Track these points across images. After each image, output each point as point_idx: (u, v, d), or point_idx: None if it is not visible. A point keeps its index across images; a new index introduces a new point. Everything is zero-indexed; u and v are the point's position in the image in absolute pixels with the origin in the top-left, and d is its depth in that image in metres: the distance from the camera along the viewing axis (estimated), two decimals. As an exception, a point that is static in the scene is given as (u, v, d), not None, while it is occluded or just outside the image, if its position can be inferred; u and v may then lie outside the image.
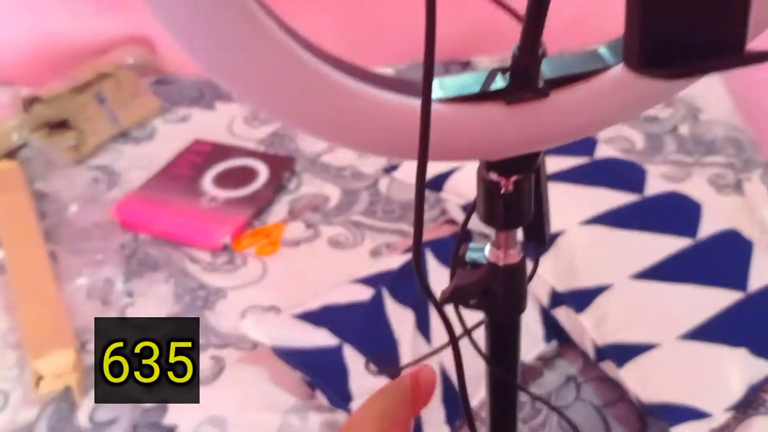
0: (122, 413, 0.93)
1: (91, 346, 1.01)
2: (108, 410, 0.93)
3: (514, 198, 0.33)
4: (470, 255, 0.37)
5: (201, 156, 1.33)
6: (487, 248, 0.37)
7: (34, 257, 1.11)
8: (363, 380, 0.87)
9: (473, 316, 0.40)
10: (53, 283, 1.07)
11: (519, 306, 0.38)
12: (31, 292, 1.05)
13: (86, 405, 0.94)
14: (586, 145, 1.06)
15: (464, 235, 0.40)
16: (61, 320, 1.01)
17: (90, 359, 1.00)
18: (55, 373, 0.94)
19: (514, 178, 0.33)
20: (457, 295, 0.37)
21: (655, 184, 1.01)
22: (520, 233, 0.38)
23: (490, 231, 0.37)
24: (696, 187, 1.15)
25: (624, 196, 0.97)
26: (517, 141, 0.31)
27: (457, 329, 0.43)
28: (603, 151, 1.06)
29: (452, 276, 0.37)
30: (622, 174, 1.01)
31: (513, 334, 0.40)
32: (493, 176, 0.33)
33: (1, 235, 1.17)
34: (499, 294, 0.37)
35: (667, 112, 1.36)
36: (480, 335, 0.41)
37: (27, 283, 1.07)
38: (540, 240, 0.37)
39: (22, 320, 1.02)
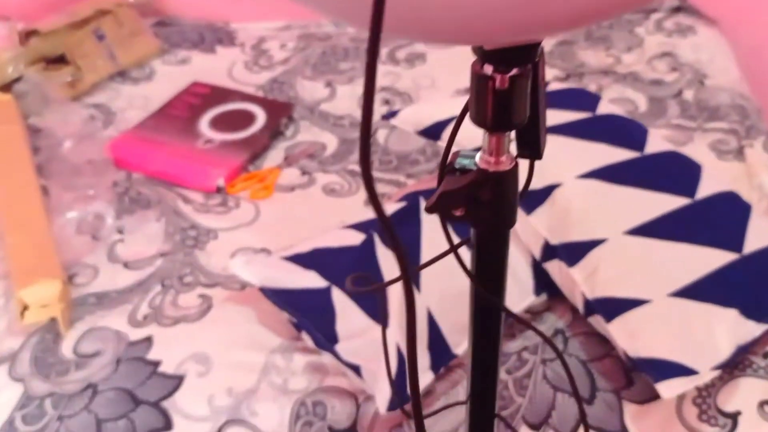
0: (107, 346, 0.92)
1: (79, 280, 1.01)
2: (92, 342, 0.93)
3: (508, 96, 0.32)
4: (460, 161, 0.36)
5: (199, 98, 1.31)
6: (478, 155, 0.35)
7: (25, 189, 1.10)
8: (350, 323, 0.86)
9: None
10: (43, 215, 1.06)
11: (508, 218, 0.37)
12: (21, 223, 1.04)
13: (71, 336, 0.94)
14: (589, 101, 1.04)
15: (450, 153, 0.38)
16: (49, 252, 1.00)
17: (76, 292, 0.99)
18: (41, 304, 0.93)
19: (510, 73, 0.31)
20: (444, 202, 0.35)
21: (656, 143, 0.99)
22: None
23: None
24: (697, 151, 1.14)
25: (624, 153, 0.95)
26: (515, 22, 0.29)
27: (443, 246, 0.42)
28: (605, 108, 1.04)
29: (439, 183, 0.36)
30: (623, 131, 0.99)
31: (500, 251, 0.39)
32: (488, 70, 0.32)
33: (-7, 166, 1.16)
34: (487, 202, 0.35)
35: (673, 76, 1.34)
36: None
37: (17, 214, 1.06)
38: (534, 151, 0.35)
39: (10, 250, 1.01)
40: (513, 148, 0.36)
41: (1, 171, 1.14)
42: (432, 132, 1.01)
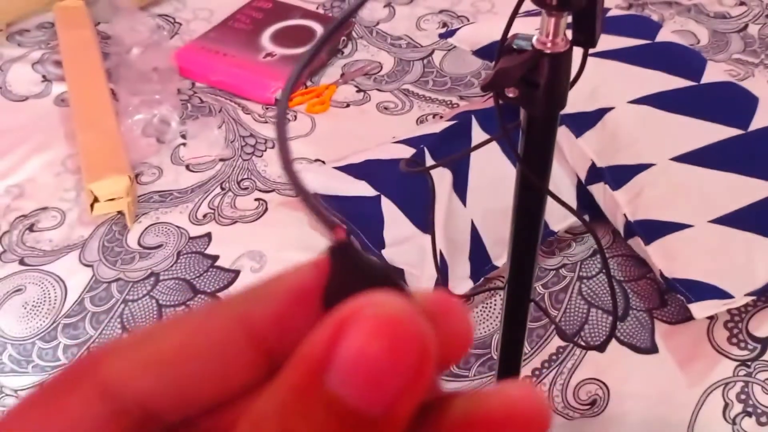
0: (169, 240, 0.99)
1: (144, 178, 1.07)
2: (155, 236, 0.99)
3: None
4: (517, 42, 0.38)
5: (262, 12, 1.34)
6: (535, 37, 0.38)
7: (95, 91, 1.16)
8: (397, 230, 0.90)
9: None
10: (113, 116, 1.12)
11: (560, 100, 0.39)
12: (91, 122, 1.10)
13: (136, 229, 1.00)
14: (649, 28, 1.03)
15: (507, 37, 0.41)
16: (117, 150, 1.06)
17: (142, 190, 1.05)
18: (109, 197, 1.00)
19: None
20: (500, 80, 0.37)
21: (714, 74, 0.99)
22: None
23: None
24: (756, 86, 1.12)
25: (679, 81, 0.95)
26: None
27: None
28: (665, 36, 1.03)
29: (496, 63, 0.38)
30: (680, 59, 0.99)
31: (549, 135, 0.41)
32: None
33: (66, 69, 1.22)
34: (541, 83, 0.37)
35: (739, 10, 1.31)
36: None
37: (88, 114, 1.12)
38: (589, 37, 0.37)
39: (82, 147, 1.07)
40: (569, 34, 0.38)
41: (74, 73, 1.20)
42: (489, 51, 1.03)
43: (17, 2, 1.31)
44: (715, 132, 0.91)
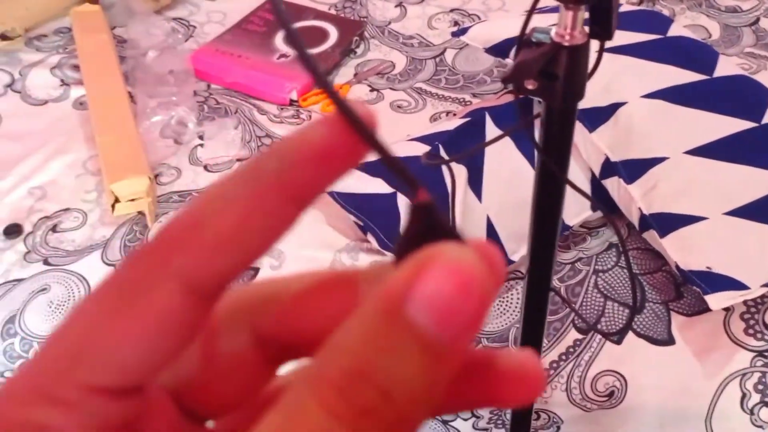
0: (189, 239, 1.00)
1: (163, 179, 1.09)
2: (176, 235, 1.01)
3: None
4: (536, 35, 0.39)
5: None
6: (553, 30, 0.39)
7: (113, 93, 1.18)
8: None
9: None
10: (131, 118, 1.14)
11: (578, 91, 0.40)
12: (110, 124, 1.12)
13: (156, 229, 1.02)
14: (660, 23, 1.04)
15: (525, 34, 0.42)
16: (137, 151, 1.08)
17: (161, 190, 1.07)
18: (130, 197, 1.01)
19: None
20: (519, 72, 0.38)
21: (726, 68, 0.99)
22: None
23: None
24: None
25: (691, 75, 0.96)
26: None
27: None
28: (677, 31, 1.04)
29: (516, 56, 0.39)
30: (692, 53, 1.00)
31: (567, 126, 0.42)
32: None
33: (84, 72, 1.24)
34: (560, 75, 0.38)
35: (750, 3, 1.31)
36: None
37: (106, 116, 1.14)
38: (606, 30, 0.38)
39: (101, 149, 1.09)
40: (586, 28, 0.39)
41: (92, 76, 1.21)
42: (501, 49, 1.04)
43: (35, 8, 1.33)
44: (728, 125, 0.92)
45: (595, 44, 0.44)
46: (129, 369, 0.16)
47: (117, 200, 1.01)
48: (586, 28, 0.40)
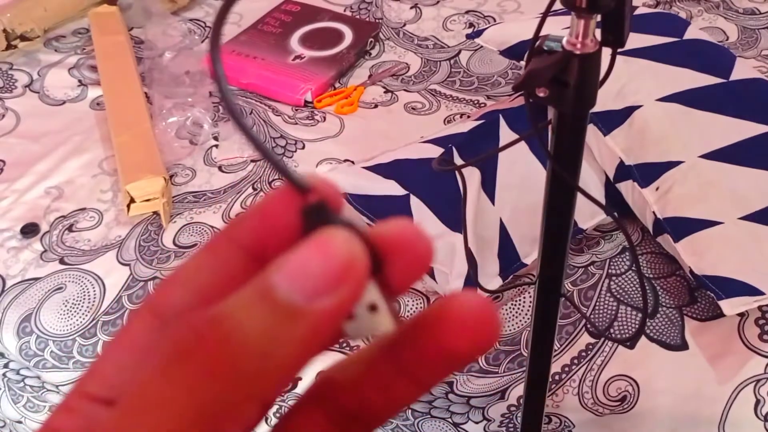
0: (203, 239, 1.01)
1: (178, 180, 1.10)
2: (190, 235, 1.02)
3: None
4: (547, 44, 0.39)
5: (290, 15, 1.36)
6: (565, 39, 0.39)
7: (130, 94, 1.19)
8: (426, 228, 0.91)
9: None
10: (147, 119, 1.15)
11: (589, 99, 0.40)
12: (126, 125, 1.13)
13: (171, 229, 1.03)
14: (677, 26, 1.03)
15: (539, 38, 0.42)
16: (152, 152, 1.09)
17: (176, 191, 1.08)
18: (145, 198, 1.02)
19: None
20: (531, 80, 0.38)
21: (743, 71, 0.98)
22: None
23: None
24: (787, 82, 1.12)
25: (708, 78, 0.95)
26: None
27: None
28: (693, 34, 1.03)
29: (527, 64, 0.39)
30: (709, 56, 0.99)
31: (579, 133, 0.42)
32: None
33: (101, 73, 1.25)
34: (571, 83, 0.38)
35: (769, 6, 1.30)
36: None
37: (123, 116, 1.15)
38: (618, 38, 0.38)
39: (117, 149, 1.10)
40: (598, 35, 0.39)
41: (110, 77, 1.23)
42: (516, 51, 1.03)
43: (54, 9, 1.35)
44: (745, 129, 0.91)
45: (607, 51, 0.44)
46: (108, 379, 0.21)
47: (132, 201, 1.02)
48: (598, 36, 0.40)
